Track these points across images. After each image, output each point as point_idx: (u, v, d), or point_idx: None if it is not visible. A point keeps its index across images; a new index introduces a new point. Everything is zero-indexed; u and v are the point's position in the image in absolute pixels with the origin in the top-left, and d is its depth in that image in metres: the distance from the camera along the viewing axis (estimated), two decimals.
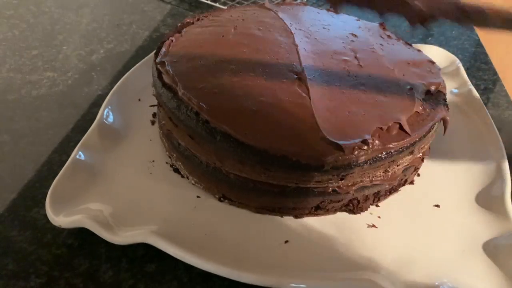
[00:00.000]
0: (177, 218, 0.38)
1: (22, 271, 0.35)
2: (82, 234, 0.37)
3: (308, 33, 0.47)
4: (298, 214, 0.39)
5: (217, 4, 0.71)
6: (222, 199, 0.40)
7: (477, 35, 0.68)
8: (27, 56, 0.60)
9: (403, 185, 0.42)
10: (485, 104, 0.54)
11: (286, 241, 0.37)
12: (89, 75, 0.57)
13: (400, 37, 0.49)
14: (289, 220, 0.39)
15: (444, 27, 0.70)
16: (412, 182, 0.43)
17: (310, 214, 0.39)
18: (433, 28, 0.70)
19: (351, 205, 0.39)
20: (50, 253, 0.37)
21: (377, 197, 0.40)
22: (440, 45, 0.59)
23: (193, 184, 0.41)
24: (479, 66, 0.61)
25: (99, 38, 0.64)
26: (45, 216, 0.37)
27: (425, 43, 0.64)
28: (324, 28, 0.48)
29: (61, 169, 0.40)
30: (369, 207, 0.40)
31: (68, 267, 0.36)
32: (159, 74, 0.41)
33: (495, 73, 0.59)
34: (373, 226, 0.39)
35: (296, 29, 0.47)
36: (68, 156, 0.41)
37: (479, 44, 0.66)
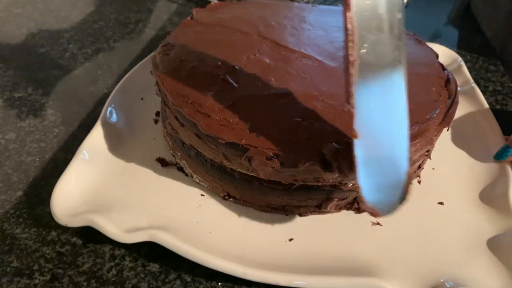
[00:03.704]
0: (181, 216, 0.38)
1: (27, 268, 0.35)
2: (86, 233, 0.37)
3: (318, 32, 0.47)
4: (302, 212, 0.39)
5: None
6: (226, 197, 0.40)
7: (485, 36, 0.67)
8: (34, 54, 0.60)
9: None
10: (493, 105, 0.54)
11: (291, 239, 0.37)
12: (95, 74, 0.57)
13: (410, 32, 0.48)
14: (293, 218, 0.39)
15: (452, 28, 0.69)
16: (418, 181, 0.42)
17: (314, 212, 0.39)
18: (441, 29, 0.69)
19: (356, 203, 0.39)
20: (55, 250, 0.37)
21: None
22: (449, 46, 0.59)
23: (197, 182, 0.41)
24: (487, 68, 0.60)
25: (105, 36, 0.64)
26: (50, 214, 0.37)
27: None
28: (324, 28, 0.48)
29: (66, 167, 0.40)
30: None
31: (72, 265, 0.36)
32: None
33: (504, 75, 0.59)
34: (378, 224, 0.38)
35: (303, 28, 0.47)
36: (73, 154, 0.41)
37: (490, 46, 0.65)
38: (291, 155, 0.34)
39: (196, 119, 0.36)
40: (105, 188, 0.40)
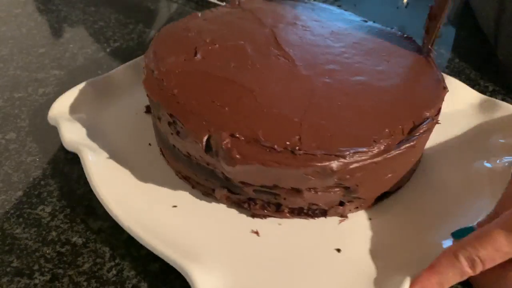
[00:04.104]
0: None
1: (27, 268, 0.35)
2: (86, 232, 0.38)
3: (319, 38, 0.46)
4: (203, 191, 0.39)
5: (223, 4, 0.70)
6: (162, 154, 0.42)
7: (485, 36, 0.67)
8: (34, 54, 0.60)
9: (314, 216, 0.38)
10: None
11: (174, 206, 0.38)
12: (95, 74, 0.57)
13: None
14: (191, 191, 0.40)
15: (452, 28, 0.69)
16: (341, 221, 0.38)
17: (210, 195, 0.39)
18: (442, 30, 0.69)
19: (248, 205, 0.38)
20: (55, 250, 0.37)
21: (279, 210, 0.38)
22: (449, 46, 0.59)
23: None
24: (488, 68, 0.60)
25: (105, 36, 0.64)
26: (50, 214, 0.37)
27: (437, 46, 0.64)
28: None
29: (67, 167, 0.40)
30: (268, 216, 0.38)
31: (72, 265, 0.36)
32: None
33: (504, 75, 0.59)
34: (256, 233, 0.37)
35: (320, 33, 0.46)
36: (74, 155, 0.41)
37: (489, 45, 0.65)
38: (185, 128, 0.35)
39: (144, 71, 0.40)
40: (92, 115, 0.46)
